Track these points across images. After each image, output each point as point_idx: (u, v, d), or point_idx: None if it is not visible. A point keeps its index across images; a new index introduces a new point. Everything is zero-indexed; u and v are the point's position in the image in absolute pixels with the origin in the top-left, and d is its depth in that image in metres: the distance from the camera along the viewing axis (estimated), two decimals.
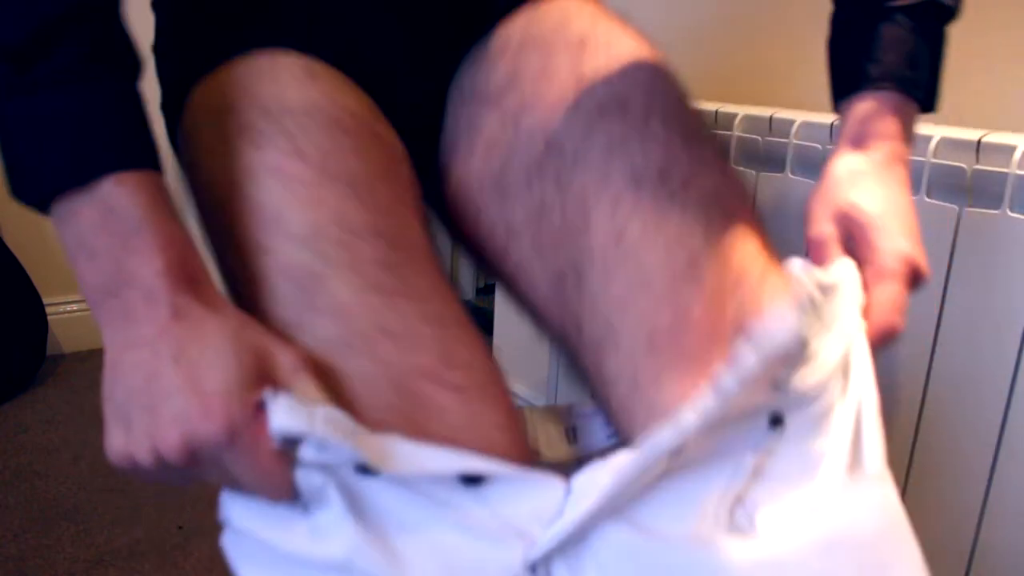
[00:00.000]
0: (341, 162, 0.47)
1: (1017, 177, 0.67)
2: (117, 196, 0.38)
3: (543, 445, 0.51)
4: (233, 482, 0.39)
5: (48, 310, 1.70)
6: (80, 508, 1.26)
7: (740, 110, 0.88)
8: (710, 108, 0.91)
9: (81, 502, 1.27)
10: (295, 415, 0.37)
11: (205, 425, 0.36)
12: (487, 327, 1.37)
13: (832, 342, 0.41)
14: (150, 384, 0.37)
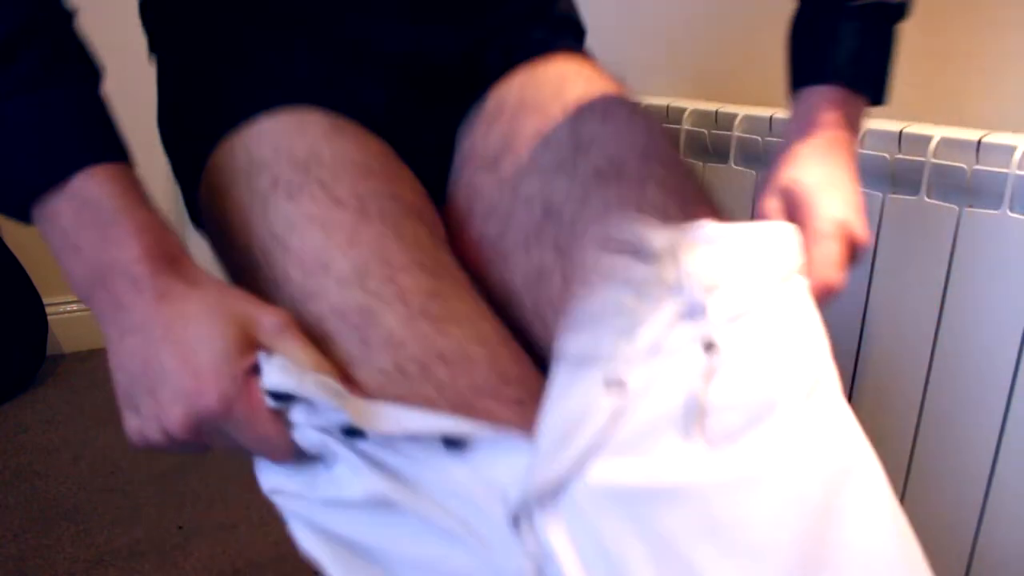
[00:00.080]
0: (375, 205, 0.49)
1: (1017, 177, 0.67)
2: (90, 189, 0.40)
3: None
4: (238, 447, 0.42)
5: (48, 310, 1.70)
6: (80, 508, 1.26)
7: (740, 110, 0.88)
8: (710, 108, 0.91)
9: (81, 502, 1.27)
10: (286, 374, 0.40)
11: (202, 400, 0.38)
12: None
13: (755, 280, 0.43)
14: (147, 368, 0.39)
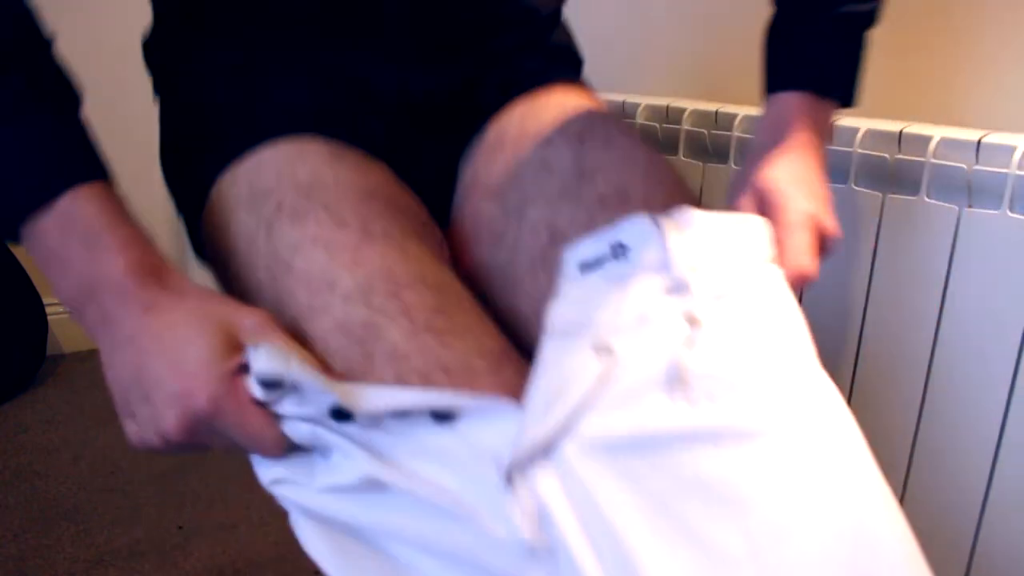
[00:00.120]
0: (379, 225, 0.50)
1: (1017, 177, 0.67)
2: (76, 209, 0.42)
3: None
4: (234, 445, 0.43)
5: (48, 310, 1.70)
6: (80, 508, 1.26)
7: (740, 110, 0.88)
8: (710, 108, 0.91)
9: (81, 502, 1.27)
10: (273, 359, 0.41)
11: (193, 400, 0.40)
12: None
13: (736, 262, 0.47)
14: (140, 377, 0.41)
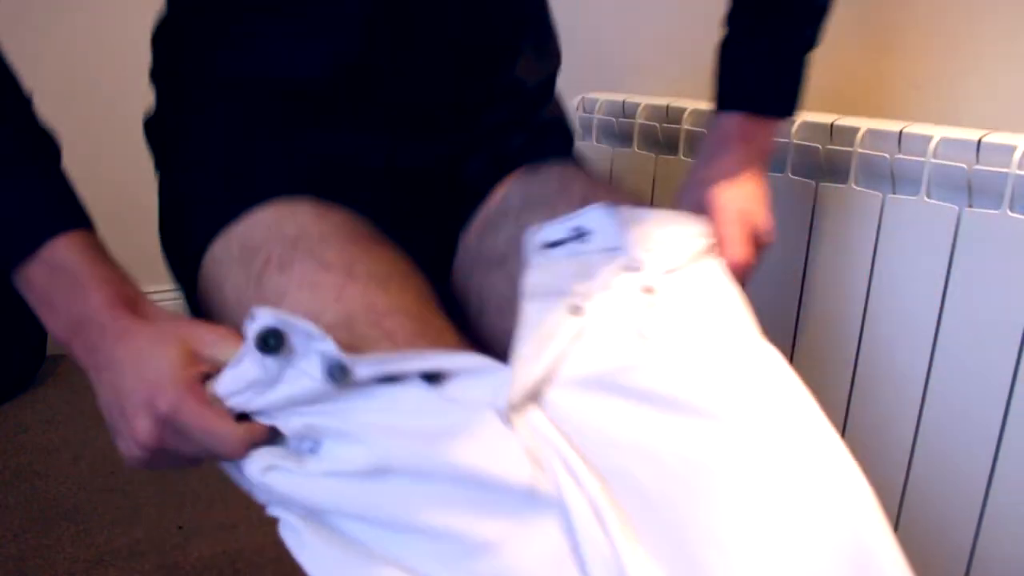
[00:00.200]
0: (363, 268, 0.52)
1: (1017, 177, 0.67)
2: (59, 255, 0.47)
3: None
4: (202, 450, 0.45)
5: None
6: (80, 508, 1.26)
7: None
8: (710, 108, 0.91)
9: (81, 502, 1.27)
10: (274, 313, 0.44)
11: (155, 405, 0.43)
12: None
13: (681, 247, 0.54)
14: (119, 395, 0.45)
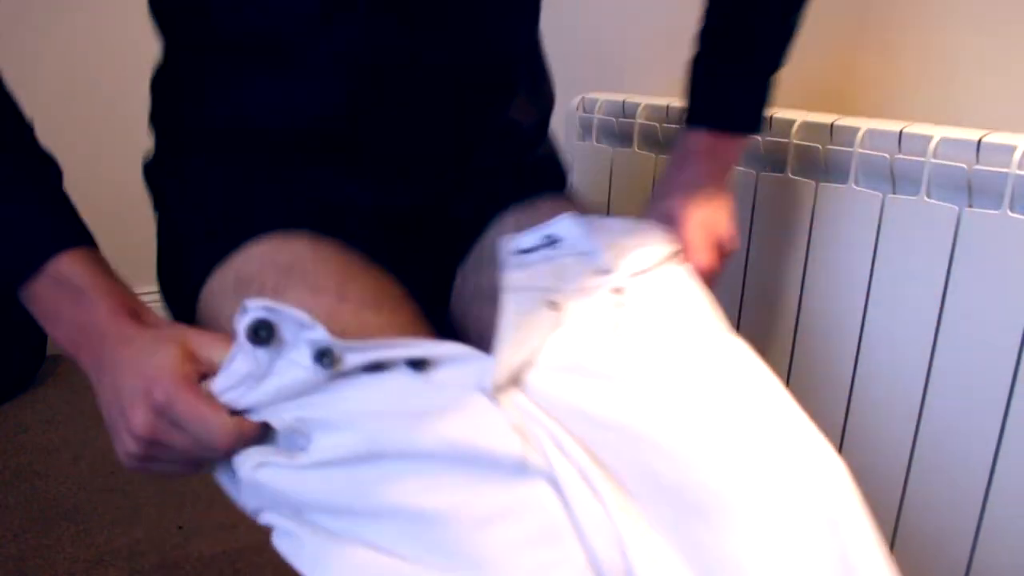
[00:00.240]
0: (355, 292, 0.54)
1: (1017, 177, 0.67)
2: (63, 272, 0.49)
3: None
4: (195, 444, 0.46)
5: None
6: (80, 508, 1.26)
7: None
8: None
9: (81, 502, 1.27)
10: (267, 304, 0.46)
11: (151, 394, 0.45)
12: None
13: (648, 252, 0.58)
14: (118, 393, 0.47)
